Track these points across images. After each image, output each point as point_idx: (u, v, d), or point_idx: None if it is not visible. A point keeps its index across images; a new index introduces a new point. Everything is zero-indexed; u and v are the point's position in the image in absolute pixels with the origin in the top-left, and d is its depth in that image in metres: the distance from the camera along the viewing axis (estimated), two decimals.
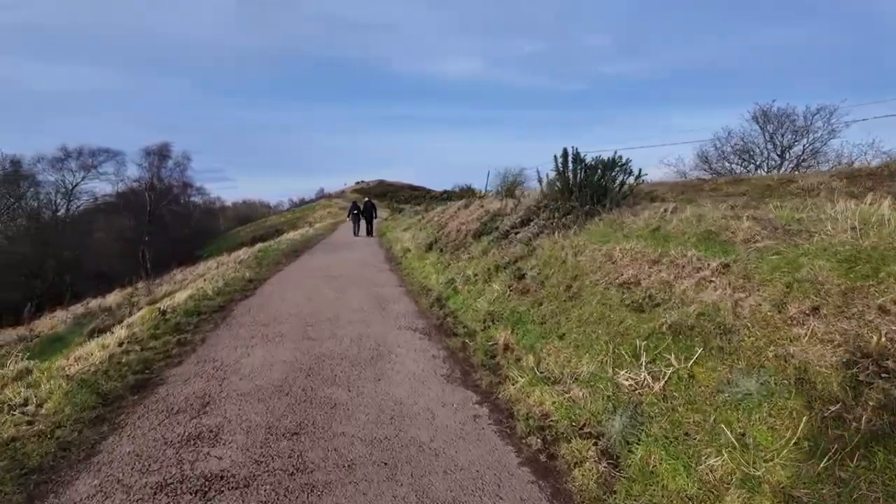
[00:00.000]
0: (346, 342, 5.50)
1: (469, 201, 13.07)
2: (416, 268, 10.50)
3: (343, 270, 11.05)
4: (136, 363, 4.84)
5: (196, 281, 11.28)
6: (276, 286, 9.24)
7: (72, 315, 12.12)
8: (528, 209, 8.08)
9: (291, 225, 67.77)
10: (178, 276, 15.28)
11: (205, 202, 61.99)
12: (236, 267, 11.56)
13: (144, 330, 6.06)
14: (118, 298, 13.47)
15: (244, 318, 6.72)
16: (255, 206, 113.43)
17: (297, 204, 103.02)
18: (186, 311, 6.92)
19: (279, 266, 12.16)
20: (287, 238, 21.56)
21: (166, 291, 10.93)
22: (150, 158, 45.47)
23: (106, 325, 8.42)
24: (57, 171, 38.98)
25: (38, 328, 11.94)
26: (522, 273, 6.12)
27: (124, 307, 11.00)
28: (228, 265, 12.21)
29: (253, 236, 45.09)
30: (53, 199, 38.70)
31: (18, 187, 33.90)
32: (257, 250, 15.57)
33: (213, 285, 8.83)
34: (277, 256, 13.89)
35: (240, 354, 5.11)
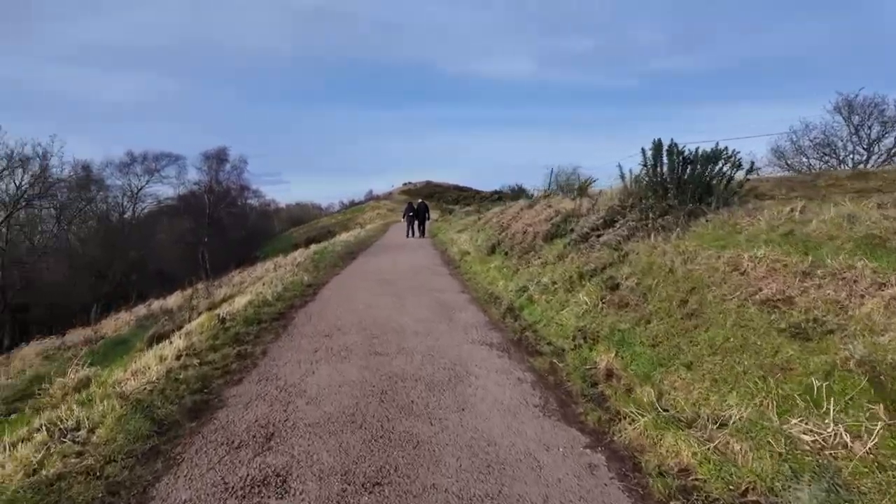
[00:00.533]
0: (417, 359, 4.93)
1: (533, 201, 12.32)
2: (479, 272, 9.87)
3: (401, 274, 10.57)
4: (195, 380, 4.45)
5: (254, 284, 11.11)
6: (334, 291, 8.85)
7: (134, 317, 12.28)
8: (610, 209, 7.28)
9: (343, 226, 68.86)
10: (237, 277, 15.32)
11: (260, 204, 63.86)
12: (294, 270, 11.32)
13: (203, 340, 5.73)
14: (179, 301, 13.59)
15: (306, 328, 6.29)
16: (307, 207, 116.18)
17: (347, 205, 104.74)
18: (246, 318, 6.58)
19: (336, 269, 11.84)
20: (341, 240, 21.49)
21: (225, 295, 10.82)
22: (208, 162, 47.17)
23: (166, 331, 8.27)
24: (123, 175, 41.01)
25: (103, 329, 12.16)
26: (616, 283, 5.36)
27: (184, 311, 10.97)
28: (286, 268, 12.00)
29: (307, 237, 45.88)
30: (120, 202, 40.74)
31: (89, 191, 35.81)
32: (313, 252, 15.41)
33: (272, 290, 8.53)
34: (333, 259, 13.63)
35: (304, 372, 4.63)
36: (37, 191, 30.02)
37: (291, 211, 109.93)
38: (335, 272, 11.32)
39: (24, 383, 7.66)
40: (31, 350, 11.62)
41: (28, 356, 11.17)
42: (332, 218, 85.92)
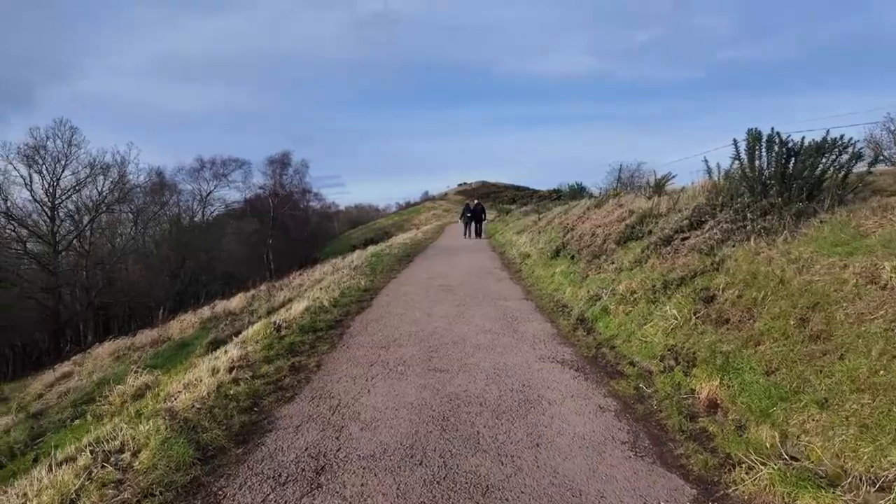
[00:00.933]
0: (481, 378, 4.47)
1: (600, 200, 11.54)
2: (542, 277, 9.27)
3: (459, 279, 10.14)
4: (245, 396, 4.20)
5: (313, 288, 11.04)
6: (391, 297, 8.54)
7: (199, 319, 12.57)
8: (696, 208, 6.50)
9: (398, 227, 69.55)
10: (297, 280, 15.46)
11: (321, 207, 65.54)
12: (351, 274, 11.15)
13: (258, 350, 5.53)
14: (241, 303, 13.82)
15: (361, 338, 5.98)
16: (365, 209, 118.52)
17: (403, 207, 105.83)
18: (301, 327, 6.35)
19: (393, 273, 11.58)
20: (398, 242, 21.38)
21: (284, 298, 10.82)
22: (273, 166, 48.91)
23: (225, 336, 8.28)
24: (194, 180, 43.22)
25: (170, 330, 12.52)
26: (710, 294, 4.66)
27: (244, 314, 11.07)
28: (343, 272, 11.88)
29: (364, 239, 46.59)
30: (191, 206, 42.91)
31: (162, 195, 37.97)
32: (370, 255, 15.30)
33: (329, 295, 8.34)
34: (390, 262, 13.41)
35: (359, 390, 4.28)
36: (116, 196, 32.04)
37: (350, 213, 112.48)
38: (392, 276, 11.06)
39: (92, 386, 7.85)
40: (105, 349, 12.13)
41: (101, 356, 11.65)
42: (389, 219, 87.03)
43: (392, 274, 11.31)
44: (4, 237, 28.29)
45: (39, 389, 9.43)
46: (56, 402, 7.47)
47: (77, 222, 31.43)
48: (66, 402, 7.22)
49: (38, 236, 29.45)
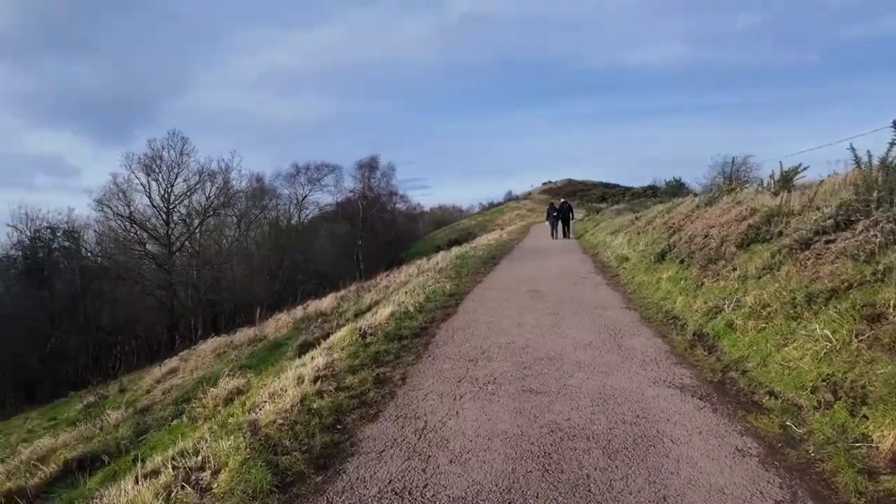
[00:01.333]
0: (585, 404, 3.90)
1: (712, 197, 10.34)
2: (645, 284, 8.41)
3: (551, 284, 9.51)
4: (328, 412, 3.95)
5: (398, 291, 10.92)
6: (478, 303, 8.11)
7: (292, 319, 12.96)
8: (843, 205, 5.43)
9: (482, 227, 69.28)
10: (383, 282, 15.54)
11: (407, 208, 66.94)
12: (436, 277, 10.90)
13: (343, 358, 5.34)
14: (331, 303, 14.11)
15: (448, 349, 5.60)
16: (448, 210, 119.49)
17: (486, 207, 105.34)
18: (387, 334, 6.10)
19: (478, 276, 11.17)
20: (482, 243, 20.98)
21: (371, 301, 10.81)
22: (362, 170, 50.59)
23: (314, 338, 8.31)
24: (290, 185, 45.75)
25: (266, 329, 13.02)
26: (877, 312, 3.75)
27: (333, 316, 11.20)
28: (428, 274, 11.67)
29: (448, 239, 46.84)
30: (288, 209, 45.44)
31: (262, 200, 40.55)
32: (455, 256, 15.02)
33: (414, 300, 8.09)
34: (475, 264, 13.02)
35: (447, 411, 3.88)
36: (221, 201, 34.63)
37: (434, 214, 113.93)
38: (478, 280, 10.64)
39: (192, 384, 8.18)
40: (208, 346, 12.86)
41: (205, 352, 12.34)
42: (472, 219, 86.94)
43: (477, 277, 10.90)
44: (129, 239, 31.54)
45: (149, 384, 10.11)
46: (160, 399, 7.87)
47: (188, 225, 34.36)
48: (169, 400, 7.56)
49: (156, 238, 32.55)
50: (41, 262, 29.28)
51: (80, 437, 6.54)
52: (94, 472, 5.06)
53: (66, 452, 5.57)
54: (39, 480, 4.97)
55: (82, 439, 6.45)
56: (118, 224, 31.84)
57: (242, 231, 38.65)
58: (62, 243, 30.98)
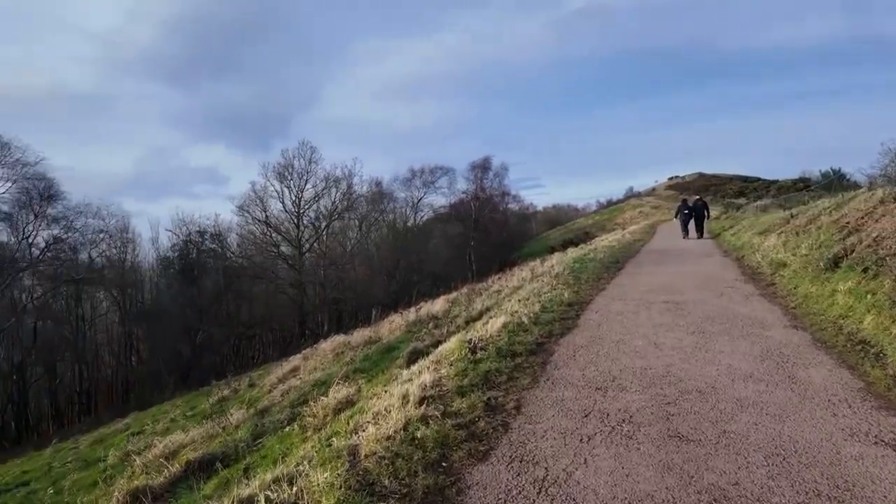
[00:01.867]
0: (757, 461, 2.98)
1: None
2: (814, 296, 6.90)
3: (689, 293, 8.26)
4: (433, 444, 3.48)
5: (511, 297, 10.30)
6: (602, 315, 7.21)
7: (405, 322, 12.93)
8: None
9: (600, 227, 65.95)
10: (495, 286, 15.00)
11: (520, 208, 65.97)
12: (552, 282, 10.10)
13: (451, 375, 4.86)
14: (443, 307, 13.91)
15: (569, 371, 4.88)
16: (563, 209, 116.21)
17: (604, 205, 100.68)
18: (499, 349, 5.53)
19: (601, 282, 10.15)
20: (602, 244, 19.56)
21: (482, 307, 10.33)
22: (474, 171, 50.59)
23: (425, 346, 8.01)
24: (406, 188, 47.19)
25: (381, 331, 13.14)
26: None
27: (445, 320, 10.89)
28: (543, 279, 10.89)
29: (563, 240, 45.18)
30: (404, 212, 46.92)
31: (381, 203, 42.28)
32: (572, 260, 14.01)
33: (529, 309, 7.42)
34: (596, 269, 11.94)
35: (572, 457, 3.20)
36: (345, 205, 36.63)
37: (548, 213, 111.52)
38: (600, 287, 9.65)
39: (308, 387, 8.29)
40: (328, 345, 13.29)
41: (325, 351, 12.75)
42: (589, 219, 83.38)
43: (600, 284, 9.89)
44: (265, 241, 34.57)
45: (272, 382, 10.61)
46: (278, 401, 8.07)
47: (316, 228, 36.82)
48: (286, 402, 7.71)
49: (288, 241, 35.30)
50: (192, 262, 33.30)
51: (206, 434, 6.84)
52: (210, 477, 5.12)
53: (189, 453, 5.76)
54: (164, 479, 5.14)
55: (207, 437, 6.73)
56: (256, 227, 35.16)
57: (363, 233, 40.63)
58: (209, 245, 34.96)
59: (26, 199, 27.22)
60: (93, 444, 11.20)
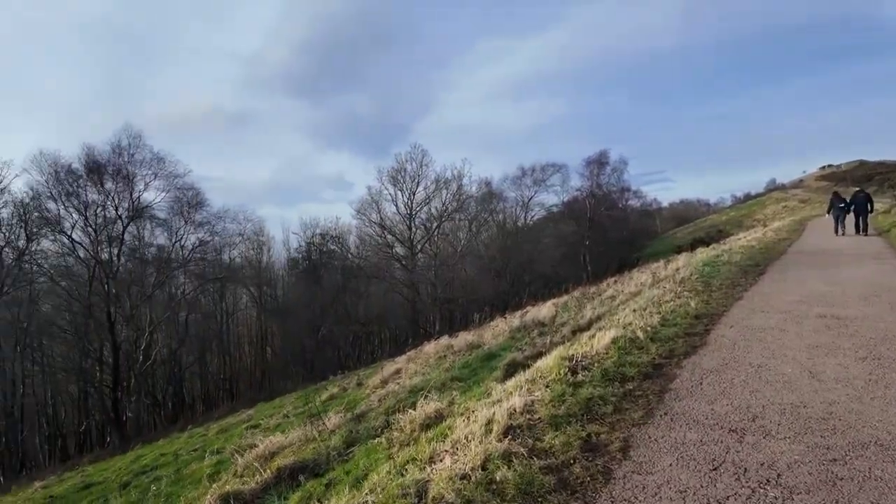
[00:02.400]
0: None
1: None
2: None
3: (854, 306, 6.67)
4: (514, 493, 2.91)
5: (626, 305, 9.25)
6: (738, 332, 6.01)
7: (508, 327, 12.33)
8: None
9: (736, 224, 59.41)
10: (609, 290, 13.80)
11: (641, 205, 61.97)
12: (676, 289, 8.86)
13: (546, 400, 4.21)
14: (550, 312, 13.07)
15: (695, 404, 3.96)
16: (692, 205, 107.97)
17: (740, 200, 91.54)
18: (605, 371, 4.74)
19: (736, 290, 8.68)
20: (739, 244, 17.20)
21: (592, 315, 9.38)
22: (590, 167, 48.16)
23: (524, 358, 7.36)
24: (516, 187, 46.29)
25: (484, 335, 12.67)
26: None
27: (549, 329, 10.11)
28: (666, 285, 9.64)
29: (692, 239, 41.29)
30: (514, 211, 46.11)
31: (490, 203, 41.92)
32: (702, 262, 12.36)
33: (646, 321, 6.45)
34: (732, 273, 10.34)
35: None
36: (455, 206, 36.86)
37: (675, 209, 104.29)
38: (735, 295, 8.23)
39: (406, 393, 8.05)
40: (431, 348, 13.13)
41: (428, 354, 12.59)
42: (723, 215, 76.00)
43: (736, 292, 8.45)
44: (380, 243, 35.98)
45: (376, 383, 10.63)
46: (376, 406, 7.94)
47: (428, 229, 37.51)
48: (382, 409, 7.53)
49: (401, 242, 36.36)
50: (314, 263, 35.79)
51: (304, 438, 6.86)
52: (296, 488, 5.00)
53: (281, 459, 5.73)
54: (255, 485, 5.12)
55: (304, 441, 6.74)
56: (372, 229, 36.80)
57: (473, 233, 40.60)
58: (330, 247, 37.30)
59: (178, 206, 31.05)
60: (218, 432, 12.15)
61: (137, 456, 12.36)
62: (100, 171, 27.86)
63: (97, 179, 27.81)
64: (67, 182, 27.24)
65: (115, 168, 28.09)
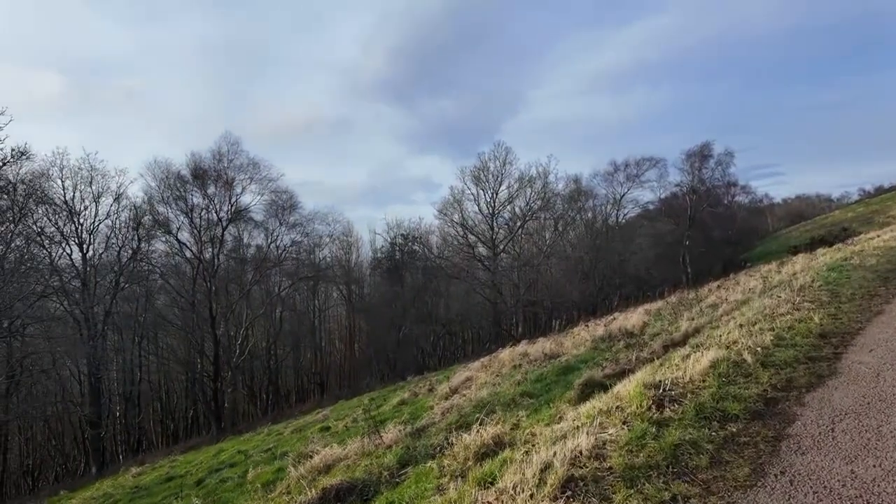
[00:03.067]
0: None
1: None
2: None
3: None
4: None
5: (730, 316, 7.98)
6: (883, 357, 4.73)
7: (591, 336, 11.31)
8: None
9: (865, 221, 52.08)
10: (711, 296, 12.26)
11: (751, 201, 56.58)
12: (794, 299, 7.48)
13: (620, 442, 3.44)
14: (640, 320, 11.84)
15: (826, 462, 2.99)
16: (810, 200, 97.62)
17: (870, 194, 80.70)
18: (700, 407, 3.83)
19: (874, 301, 7.11)
20: (873, 245, 14.62)
21: (688, 329, 8.15)
22: (690, 161, 44.24)
23: (603, 377, 6.45)
24: (608, 184, 43.77)
25: (563, 344, 11.74)
26: None
27: (636, 342, 9.01)
28: (780, 294, 8.20)
29: (810, 238, 36.64)
30: (605, 209, 43.70)
31: (578, 201, 40.00)
32: (825, 267, 10.56)
33: (756, 340, 5.34)
34: (866, 280, 8.61)
35: None
36: (539, 204, 35.57)
37: (790, 205, 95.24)
38: (873, 309, 6.71)
39: (470, 408, 7.46)
40: (507, 355, 12.41)
41: (503, 361, 11.90)
42: (848, 211, 67.29)
43: (874, 304, 6.90)
44: (462, 243, 35.62)
45: (445, 393, 10.11)
46: (438, 421, 7.42)
47: (511, 229, 36.59)
48: (443, 424, 6.99)
49: (483, 242, 35.73)
50: (397, 262, 36.23)
51: (361, 451, 6.51)
52: None
53: (328, 478, 5.38)
54: None
55: (361, 454, 6.38)
56: (453, 229, 36.54)
57: (559, 233, 39.02)
58: (412, 247, 37.59)
59: (273, 209, 32.81)
60: (293, 431, 12.32)
61: (219, 450, 12.88)
62: (204, 176, 30.13)
63: (201, 184, 30.12)
64: (176, 187, 29.76)
65: (216, 173, 30.24)
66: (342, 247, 42.58)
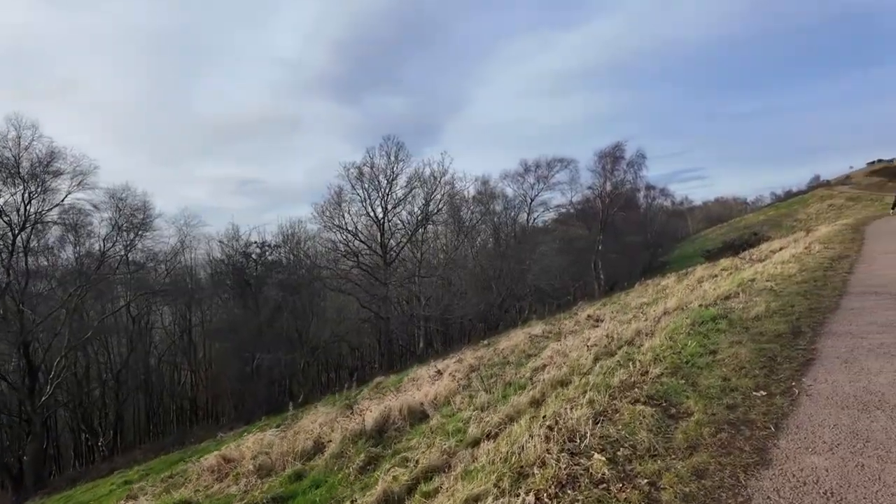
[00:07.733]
0: None
1: None
2: None
3: None
4: None
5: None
6: None
7: (465, 366, 10.02)
8: None
9: (774, 224, 56.95)
10: (547, 351, 10.48)
11: (673, 204, 59.72)
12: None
13: None
14: (522, 345, 10.71)
15: None
16: (728, 203, 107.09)
17: (780, 198, 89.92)
18: None
19: (752, 409, 5.94)
20: (770, 270, 11.55)
21: (549, 379, 6.89)
22: (602, 162, 44.83)
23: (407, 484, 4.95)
24: (518, 185, 43.56)
25: (419, 388, 10.33)
26: None
27: (502, 375, 7.72)
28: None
29: (722, 242, 38.69)
30: (513, 213, 43.55)
31: (485, 204, 39.50)
32: (693, 320, 9.53)
33: None
34: (739, 360, 5.48)
35: None
36: (437, 207, 34.59)
37: (709, 209, 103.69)
38: (740, 446, 5.69)
39: None
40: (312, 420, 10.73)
41: None
42: (760, 214, 73.86)
43: (741, 435, 4.62)
44: (344, 250, 33.68)
45: (249, 464, 8.25)
46: None
47: (405, 234, 35.22)
48: None
49: (370, 248, 34.03)
50: (247, 278, 32.92)
51: None
52: None
53: None
54: None
55: None
56: (333, 235, 34.12)
57: (461, 239, 38.10)
58: (270, 258, 34.56)
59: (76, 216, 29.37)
60: None
61: None
62: None
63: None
64: None
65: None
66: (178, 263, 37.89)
